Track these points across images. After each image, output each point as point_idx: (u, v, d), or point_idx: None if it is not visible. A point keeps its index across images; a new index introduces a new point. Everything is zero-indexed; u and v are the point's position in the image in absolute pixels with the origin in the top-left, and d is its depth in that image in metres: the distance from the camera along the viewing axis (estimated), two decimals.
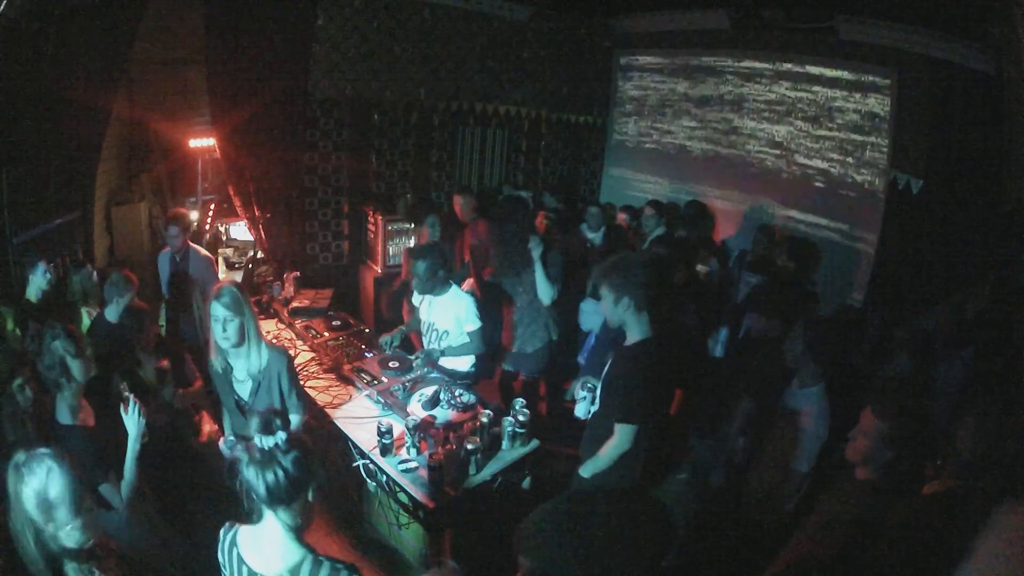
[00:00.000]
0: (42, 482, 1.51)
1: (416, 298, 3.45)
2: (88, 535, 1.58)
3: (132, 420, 2.11)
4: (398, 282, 4.63)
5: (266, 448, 1.38)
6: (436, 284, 3.17)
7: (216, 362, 2.40)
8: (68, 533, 1.54)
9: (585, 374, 3.63)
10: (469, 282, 3.77)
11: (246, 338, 2.29)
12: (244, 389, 2.40)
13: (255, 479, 1.37)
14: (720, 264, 4.52)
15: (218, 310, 2.23)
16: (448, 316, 3.23)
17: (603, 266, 2.32)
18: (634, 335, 2.27)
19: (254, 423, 1.42)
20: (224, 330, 2.24)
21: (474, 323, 3.20)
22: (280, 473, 1.37)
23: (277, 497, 1.39)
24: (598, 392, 2.40)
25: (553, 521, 1.18)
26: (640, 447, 2.27)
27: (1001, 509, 0.97)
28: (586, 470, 2.33)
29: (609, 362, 2.35)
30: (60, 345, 2.09)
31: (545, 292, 3.48)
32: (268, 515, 1.43)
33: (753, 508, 2.60)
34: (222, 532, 1.52)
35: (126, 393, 2.12)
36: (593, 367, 3.59)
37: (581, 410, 2.51)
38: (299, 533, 1.46)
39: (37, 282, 3.07)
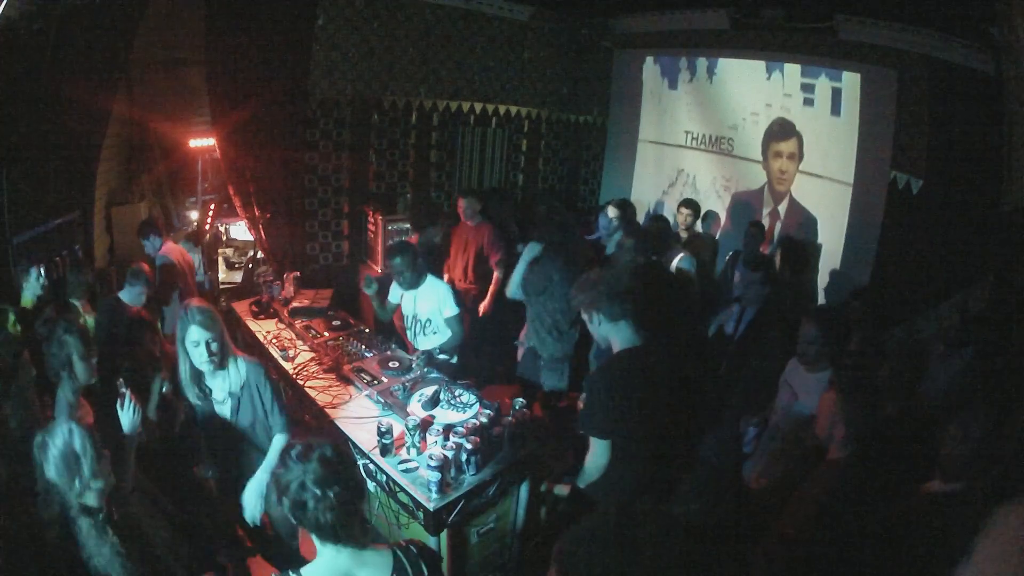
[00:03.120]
0: (65, 441, 1.64)
1: (394, 294, 3.54)
2: (104, 492, 1.71)
3: (127, 416, 2.10)
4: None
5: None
6: (416, 275, 3.29)
7: (190, 391, 2.28)
8: (89, 490, 1.66)
9: None
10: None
11: (224, 360, 2.22)
12: (225, 410, 2.31)
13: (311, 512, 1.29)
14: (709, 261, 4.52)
15: (197, 332, 2.14)
16: (429, 304, 3.34)
17: (573, 290, 2.27)
18: (615, 346, 2.21)
19: (301, 473, 1.31)
20: (209, 352, 2.16)
21: (452, 308, 3.31)
22: (333, 508, 1.29)
23: (344, 533, 1.31)
24: None
25: (588, 539, 1.15)
26: (627, 459, 2.17)
27: (1001, 509, 0.97)
28: (580, 479, 2.27)
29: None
30: (71, 341, 2.14)
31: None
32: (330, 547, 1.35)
33: (763, 490, 2.60)
34: None
35: (123, 389, 2.12)
36: None
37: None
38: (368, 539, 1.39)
39: (32, 287, 3.10)
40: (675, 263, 3.93)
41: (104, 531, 1.69)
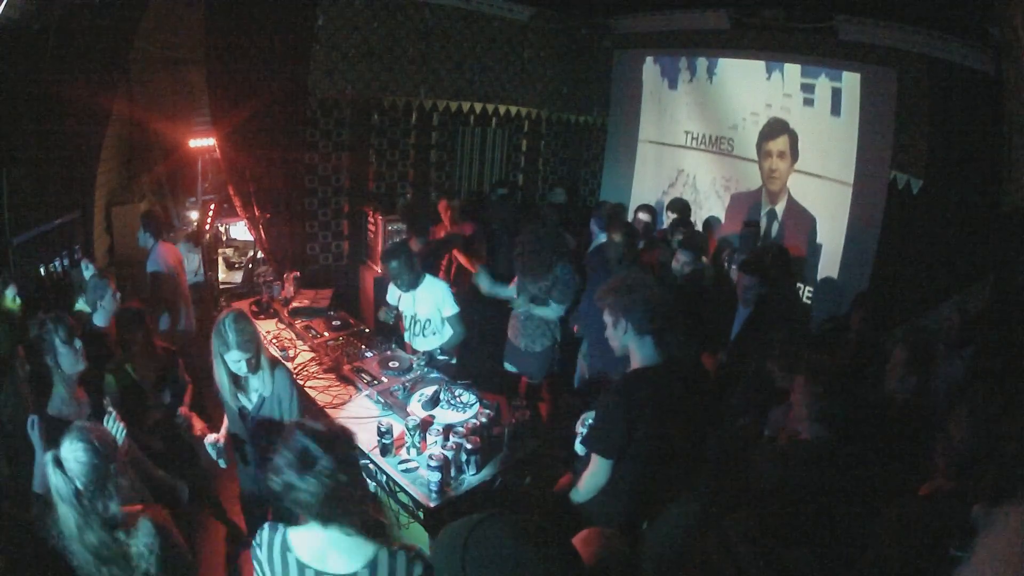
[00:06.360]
0: (87, 444, 1.58)
1: (392, 296, 3.55)
2: (121, 502, 1.63)
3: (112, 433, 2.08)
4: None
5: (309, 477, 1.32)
6: (413, 276, 3.30)
7: (226, 393, 2.39)
8: (112, 499, 1.60)
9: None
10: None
11: (260, 366, 2.35)
12: (249, 401, 2.42)
13: (302, 488, 1.31)
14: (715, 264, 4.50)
15: (236, 354, 2.22)
16: (428, 304, 3.36)
17: (604, 287, 2.14)
18: (635, 361, 2.09)
19: (287, 457, 1.34)
20: (249, 367, 2.28)
21: (452, 307, 3.34)
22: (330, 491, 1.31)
23: (329, 515, 1.34)
24: None
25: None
26: (627, 480, 2.07)
27: (1001, 509, 0.97)
28: (575, 495, 2.19)
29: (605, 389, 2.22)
30: (51, 327, 2.16)
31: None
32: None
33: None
34: (265, 533, 1.45)
35: (109, 408, 2.13)
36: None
37: (581, 448, 2.32)
38: (365, 531, 1.40)
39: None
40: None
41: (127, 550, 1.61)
